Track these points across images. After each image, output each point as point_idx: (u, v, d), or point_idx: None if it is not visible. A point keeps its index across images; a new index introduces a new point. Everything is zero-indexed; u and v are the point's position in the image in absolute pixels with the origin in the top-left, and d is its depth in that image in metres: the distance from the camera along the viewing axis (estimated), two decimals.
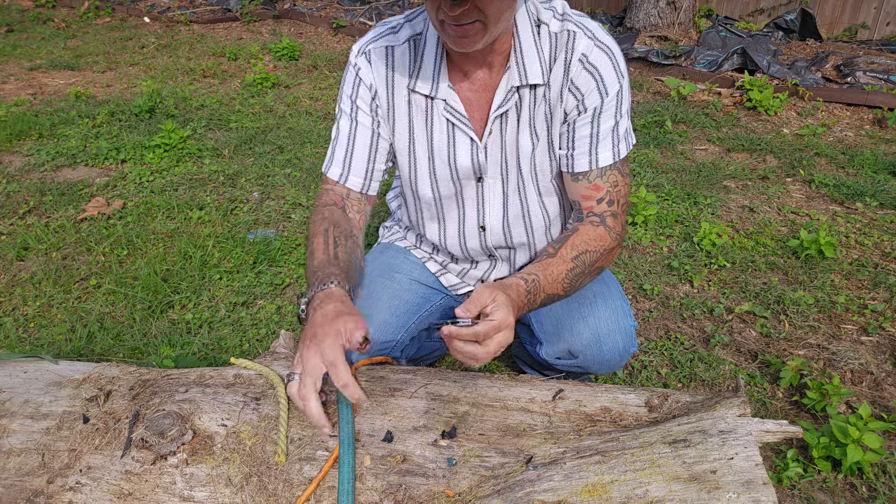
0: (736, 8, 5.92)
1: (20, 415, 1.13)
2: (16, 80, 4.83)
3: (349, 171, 1.36)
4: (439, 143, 1.32)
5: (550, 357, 1.45)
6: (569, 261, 1.22)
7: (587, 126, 1.26)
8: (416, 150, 1.35)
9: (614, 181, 1.29)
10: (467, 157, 1.32)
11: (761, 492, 0.86)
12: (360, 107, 1.32)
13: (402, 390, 1.13)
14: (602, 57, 1.22)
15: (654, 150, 3.58)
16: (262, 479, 0.99)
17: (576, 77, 1.23)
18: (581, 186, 1.30)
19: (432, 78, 1.26)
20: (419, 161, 1.36)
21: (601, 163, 1.27)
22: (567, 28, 1.22)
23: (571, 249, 1.23)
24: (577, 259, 1.23)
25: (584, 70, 1.22)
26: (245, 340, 2.08)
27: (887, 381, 1.91)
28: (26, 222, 2.76)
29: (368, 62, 1.30)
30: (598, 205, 1.29)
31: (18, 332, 2.11)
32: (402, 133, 1.34)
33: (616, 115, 1.25)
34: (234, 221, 2.78)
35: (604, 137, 1.26)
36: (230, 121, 3.98)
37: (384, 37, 1.29)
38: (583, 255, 1.24)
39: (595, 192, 1.29)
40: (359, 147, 1.34)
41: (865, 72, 4.34)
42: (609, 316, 1.35)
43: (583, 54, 1.21)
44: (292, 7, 6.77)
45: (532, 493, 0.92)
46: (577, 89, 1.23)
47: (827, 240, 2.44)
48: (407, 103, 1.31)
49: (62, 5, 7.31)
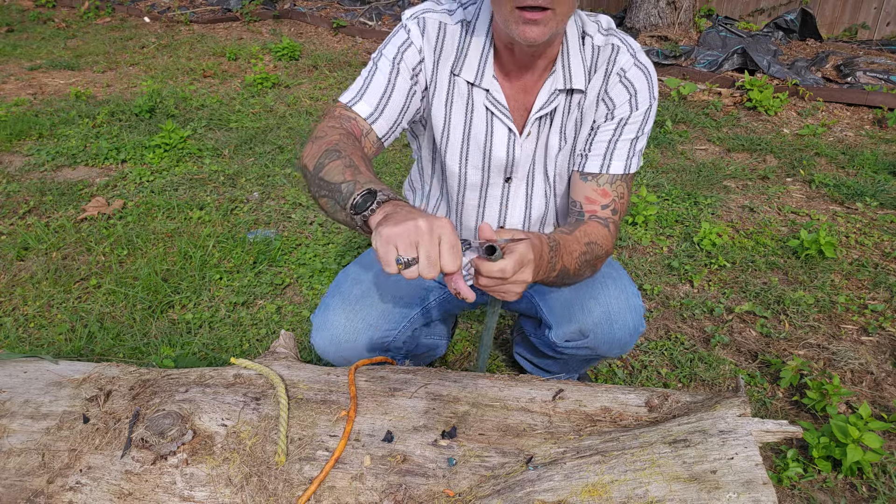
0: (736, 8, 5.92)
1: (20, 415, 1.13)
2: (16, 80, 4.83)
3: (380, 115, 1.28)
4: (477, 131, 1.32)
5: (560, 340, 1.45)
6: (583, 244, 1.24)
7: (609, 132, 1.29)
8: (451, 133, 1.34)
9: (621, 192, 1.31)
10: (503, 149, 1.32)
11: (761, 492, 0.86)
12: (401, 65, 1.27)
13: (402, 390, 1.13)
14: (639, 75, 1.26)
15: (654, 150, 3.58)
16: (262, 479, 0.99)
17: (611, 89, 1.27)
18: (588, 188, 1.31)
19: (478, 66, 1.26)
20: (451, 144, 1.35)
21: (612, 170, 1.30)
22: (611, 42, 1.27)
23: (584, 235, 1.25)
24: (588, 245, 1.25)
25: (621, 83, 1.27)
26: (245, 340, 2.08)
27: (887, 381, 1.91)
28: (26, 222, 2.76)
29: (421, 30, 1.28)
30: (603, 210, 1.31)
31: (18, 332, 2.11)
32: (439, 114, 1.33)
33: (639, 130, 1.29)
34: (234, 221, 2.78)
35: (621, 147, 1.29)
36: (230, 121, 3.98)
37: (438, 12, 1.28)
38: (592, 245, 1.26)
39: (602, 198, 1.31)
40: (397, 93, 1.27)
41: (865, 72, 4.34)
42: (619, 295, 1.37)
43: (622, 69, 1.26)
44: (292, 7, 6.77)
45: (532, 493, 0.92)
46: (611, 100, 1.28)
47: (827, 240, 2.44)
48: (448, 84, 1.30)
49: (62, 5, 7.32)
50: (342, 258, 2.48)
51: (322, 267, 2.44)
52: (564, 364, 1.66)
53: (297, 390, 1.14)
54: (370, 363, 1.25)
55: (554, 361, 1.67)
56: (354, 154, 1.12)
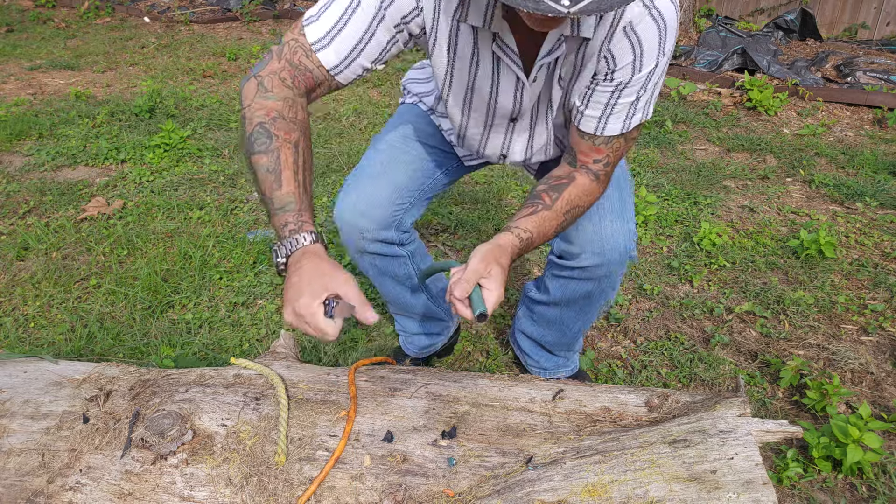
0: (736, 8, 5.92)
1: (20, 415, 1.13)
2: (16, 80, 4.83)
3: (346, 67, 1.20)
4: (482, 83, 1.28)
5: (553, 255, 1.53)
6: (561, 215, 1.26)
7: (606, 95, 1.22)
8: (454, 83, 1.31)
9: (617, 146, 1.28)
10: (510, 98, 1.30)
11: (761, 492, 0.86)
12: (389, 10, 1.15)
13: (402, 390, 1.13)
14: (650, 28, 1.12)
15: (654, 150, 3.58)
16: (262, 479, 0.99)
17: (615, 44, 1.15)
18: (582, 143, 1.29)
19: (485, 10, 1.15)
20: (454, 94, 1.33)
21: (608, 132, 1.26)
22: None
23: (566, 203, 1.27)
24: (567, 213, 1.28)
25: (626, 38, 1.14)
26: (245, 340, 2.08)
27: (887, 381, 1.91)
28: (26, 222, 2.76)
29: None
30: (595, 164, 1.30)
31: (18, 332, 2.11)
32: (440, 62, 1.27)
33: (640, 91, 1.21)
34: (234, 221, 2.78)
35: (619, 111, 1.24)
36: (230, 121, 3.98)
37: None
38: (573, 210, 1.29)
39: (595, 154, 1.29)
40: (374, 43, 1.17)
41: (865, 72, 4.34)
42: (614, 217, 1.42)
43: (630, 21, 1.12)
44: (292, 7, 6.77)
45: (532, 493, 0.92)
46: (613, 58, 1.17)
47: (827, 240, 2.44)
48: (450, 32, 1.20)
49: (62, 5, 7.31)
50: (342, 258, 2.49)
51: None
52: (560, 328, 1.69)
53: (297, 390, 1.14)
54: (370, 363, 1.25)
55: (550, 325, 1.70)
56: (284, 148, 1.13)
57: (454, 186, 3.08)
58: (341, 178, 3.15)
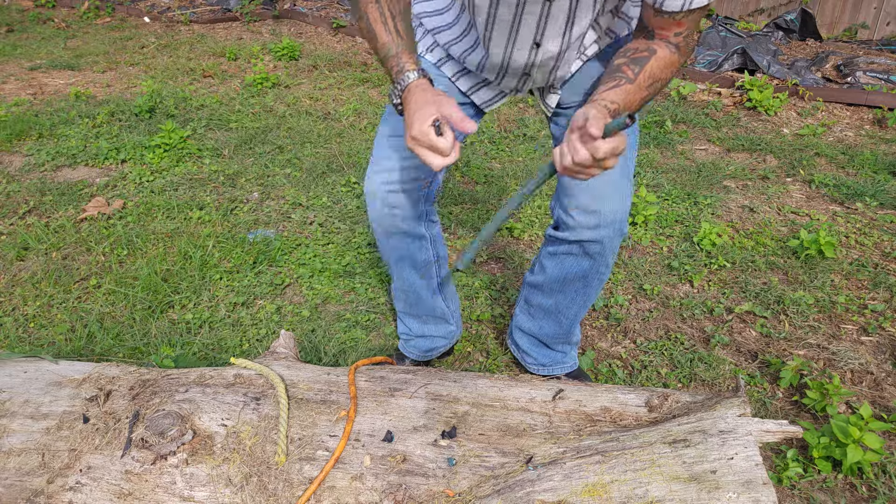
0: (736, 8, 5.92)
1: (20, 415, 1.13)
2: (16, 80, 4.83)
3: None
4: None
5: (550, 228, 1.55)
6: (644, 88, 1.23)
7: None
8: None
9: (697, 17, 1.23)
10: None
11: (761, 492, 0.86)
12: None
13: (402, 390, 1.13)
14: None
15: (654, 150, 3.58)
16: (262, 479, 0.99)
17: None
18: (661, 20, 1.24)
19: None
20: None
21: (694, 4, 1.19)
22: None
23: (649, 77, 1.23)
24: (650, 87, 1.24)
25: None
26: (245, 340, 2.08)
27: (887, 381, 1.91)
28: (26, 222, 2.76)
29: None
30: (676, 37, 1.25)
31: (18, 332, 2.11)
32: None
33: None
34: (234, 221, 2.78)
35: None
36: (230, 121, 3.98)
37: None
38: (656, 83, 1.25)
39: (676, 28, 1.24)
40: None
41: (865, 72, 4.34)
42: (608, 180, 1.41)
43: None
44: (292, 7, 6.77)
45: (532, 493, 0.92)
46: None
47: (827, 240, 2.44)
48: None
49: (62, 5, 7.31)
50: (342, 258, 2.49)
51: (322, 267, 2.44)
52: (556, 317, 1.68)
53: (297, 390, 1.14)
54: (370, 363, 1.25)
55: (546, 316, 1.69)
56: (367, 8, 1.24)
57: (454, 186, 3.08)
58: (341, 179, 3.15)
